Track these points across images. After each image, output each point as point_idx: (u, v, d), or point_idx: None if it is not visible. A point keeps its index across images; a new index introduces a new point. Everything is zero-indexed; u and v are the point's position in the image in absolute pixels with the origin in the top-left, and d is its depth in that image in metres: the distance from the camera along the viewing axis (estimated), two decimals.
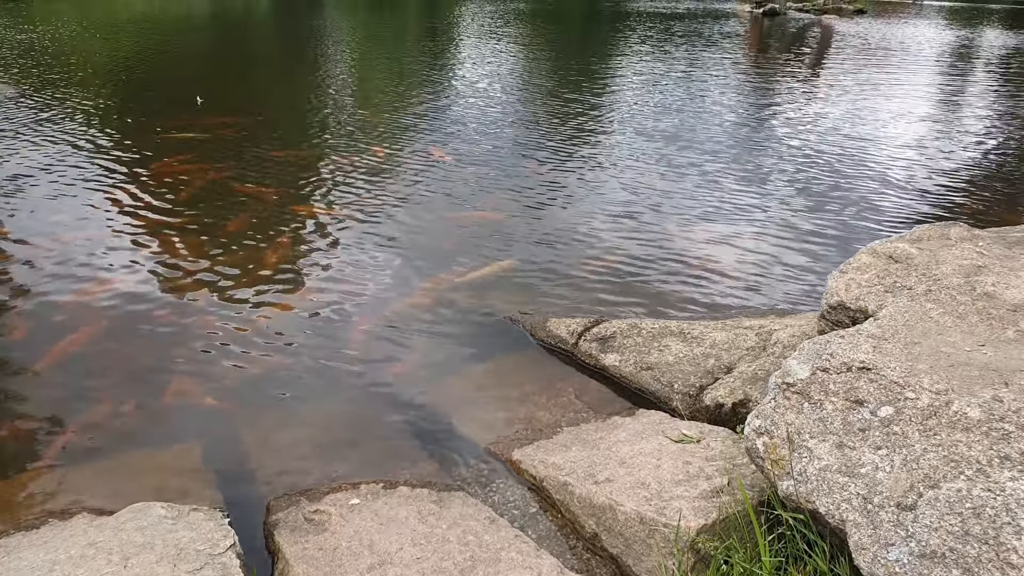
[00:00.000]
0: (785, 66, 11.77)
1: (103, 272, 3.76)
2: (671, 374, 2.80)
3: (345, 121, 7.17)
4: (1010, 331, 1.95)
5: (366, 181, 5.25)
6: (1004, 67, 11.71)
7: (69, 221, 4.41)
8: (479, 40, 14.70)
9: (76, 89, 8.25)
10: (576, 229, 4.46)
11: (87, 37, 13.23)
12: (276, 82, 10.03)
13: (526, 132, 6.80)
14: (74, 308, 3.41)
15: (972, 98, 9.18)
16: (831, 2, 22.77)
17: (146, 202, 4.73)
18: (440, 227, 4.51)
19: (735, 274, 3.89)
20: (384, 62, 11.91)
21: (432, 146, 6.23)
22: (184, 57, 12.00)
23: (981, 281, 2.22)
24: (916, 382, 1.73)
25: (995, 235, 2.92)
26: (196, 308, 3.44)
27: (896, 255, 2.65)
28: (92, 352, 3.07)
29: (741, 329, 3.07)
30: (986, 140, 6.78)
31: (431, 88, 9.04)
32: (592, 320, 3.22)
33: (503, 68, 10.96)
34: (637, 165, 5.76)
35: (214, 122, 6.79)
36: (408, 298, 3.59)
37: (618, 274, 3.86)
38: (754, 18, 20.31)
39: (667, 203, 4.91)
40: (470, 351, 3.16)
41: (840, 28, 17.90)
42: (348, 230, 4.39)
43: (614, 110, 7.89)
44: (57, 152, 5.76)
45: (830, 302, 2.51)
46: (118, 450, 2.50)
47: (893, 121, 7.46)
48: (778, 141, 6.60)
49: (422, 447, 2.54)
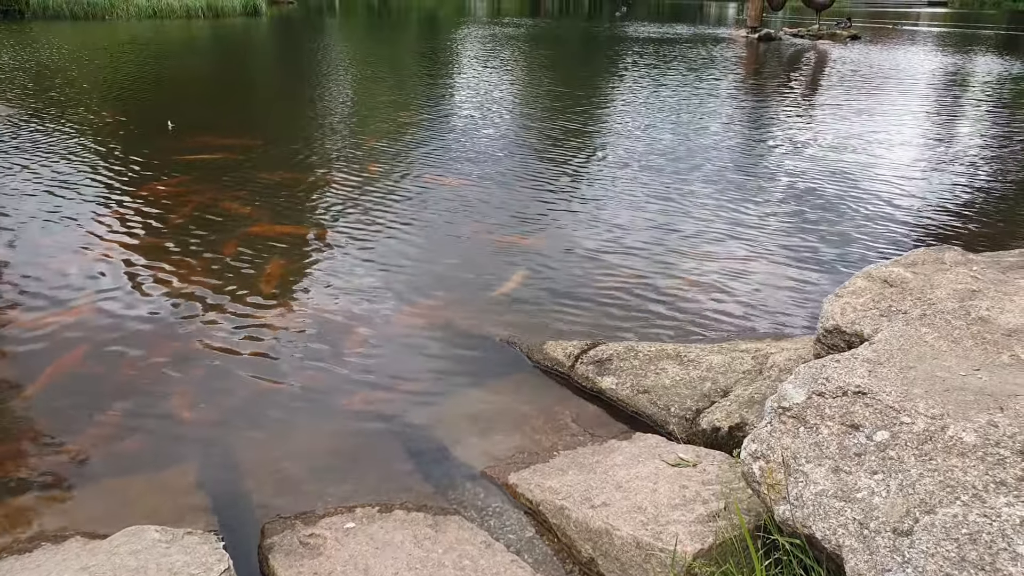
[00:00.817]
0: (780, 91, 11.87)
1: (95, 293, 3.76)
2: (668, 397, 2.80)
3: (343, 144, 7.21)
4: (1005, 356, 1.96)
5: (361, 204, 5.27)
6: (996, 93, 11.83)
7: (63, 242, 4.42)
8: (476, 62, 14.82)
9: (74, 110, 8.29)
10: (572, 251, 4.48)
11: (86, 58, 13.31)
12: (276, 104, 10.09)
13: (522, 155, 6.84)
14: (65, 329, 3.40)
15: (965, 123, 9.26)
16: (826, 28, 23.00)
17: (140, 223, 4.74)
18: (436, 249, 4.52)
19: (731, 297, 3.90)
20: (382, 85, 11.99)
21: (428, 168, 6.26)
22: (184, 80, 12.08)
23: (976, 306, 2.23)
24: (912, 407, 1.73)
25: (989, 259, 2.94)
26: (190, 330, 3.43)
27: (891, 279, 2.66)
28: (84, 374, 3.07)
29: (737, 352, 3.07)
30: (979, 165, 6.83)
31: (429, 111, 9.10)
32: (589, 343, 3.22)
33: (499, 91, 11.05)
34: (632, 188, 5.80)
35: (216, 143, 6.82)
36: (404, 320, 3.60)
37: (615, 296, 3.87)
38: (749, 43, 20.51)
39: (662, 226, 4.93)
40: (466, 373, 3.16)
41: (835, 53, 18.08)
42: (343, 252, 4.40)
43: (609, 133, 7.95)
44: (52, 173, 5.78)
45: (826, 326, 2.52)
46: (111, 473, 2.49)
47: (887, 146, 7.51)
48: (774, 165, 6.65)
49: (418, 470, 2.53)
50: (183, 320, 3.51)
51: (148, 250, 4.33)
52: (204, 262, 4.16)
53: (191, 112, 9.21)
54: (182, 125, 7.71)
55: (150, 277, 3.97)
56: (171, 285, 3.87)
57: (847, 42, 21.32)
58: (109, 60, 13.42)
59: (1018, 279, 2.59)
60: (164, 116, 8.16)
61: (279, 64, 15.38)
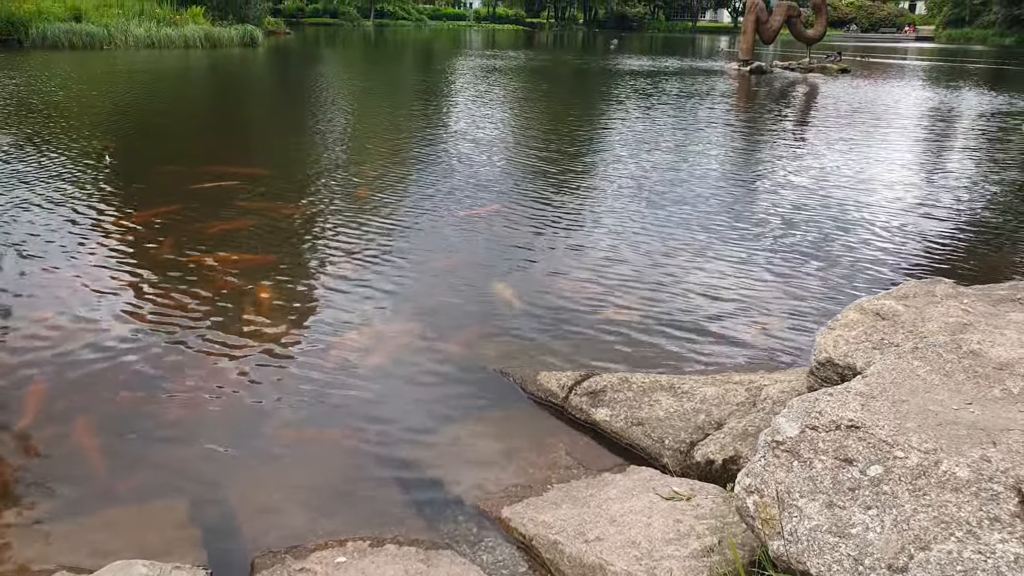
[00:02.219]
0: (772, 123, 12.01)
1: (84, 322, 3.74)
2: (661, 429, 2.79)
3: (336, 175, 7.24)
4: (996, 390, 1.97)
5: (354, 235, 5.28)
6: (983, 127, 11.99)
7: (54, 269, 4.41)
8: (472, 94, 14.96)
9: (68, 139, 8.32)
10: (566, 281, 4.49)
11: (84, 88, 13.39)
12: (271, 135, 10.15)
13: (517, 187, 6.89)
14: (53, 358, 3.38)
15: (953, 157, 9.37)
16: (816, 61, 23.33)
17: (128, 253, 4.74)
18: (428, 280, 4.52)
19: (724, 327, 3.91)
20: (377, 117, 12.09)
21: (420, 199, 6.29)
22: (180, 110, 12.16)
23: (967, 339, 2.24)
24: (905, 441, 1.73)
25: (979, 292, 2.96)
26: (179, 362, 3.42)
27: (883, 312, 2.67)
28: (72, 404, 3.04)
29: (731, 384, 3.07)
30: (967, 198, 6.90)
31: (423, 142, 9.17)
32: (583, 374, 3.22)
33: (494, 122, 11.14)
34: (625, 220, 5.83)
35: (214, 172, 6.85)
36: (396, 351, 3.59)
37: (608, 326, 3.88)
38: (741, 75, 20.78)
39: (656, 257, 4.96)
40: (460, 405, 3.15)
41: (825, 87, 18.33)
42: (335, 282, 4.40)
43: (602, 166, 8.01)
44: (44, 201, 5.78)
45: (819, 358, 2.53)
46: (99, 506, 2.46)
47: (877, 178, 7.59)
48: (766, 197, 6.70)
49: (410, 503, 2.51)
50: (172, 352, 3.50)
51: (137, 280, 4.32)
52: (194, 293, 4.15)
53: (190, 142, 9.26)
54: (185, 155, 7.73)
55: (139, 307, 3.95)
56: (160, 316, 3.86)
57: (837, 75, 21.62)
58: (106, 90, 13.50)
59: (1008, 312, 2.60)
60: (160, 145, 8.20)
61: (276, 94, 15.49)
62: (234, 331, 3.71)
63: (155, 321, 3.79)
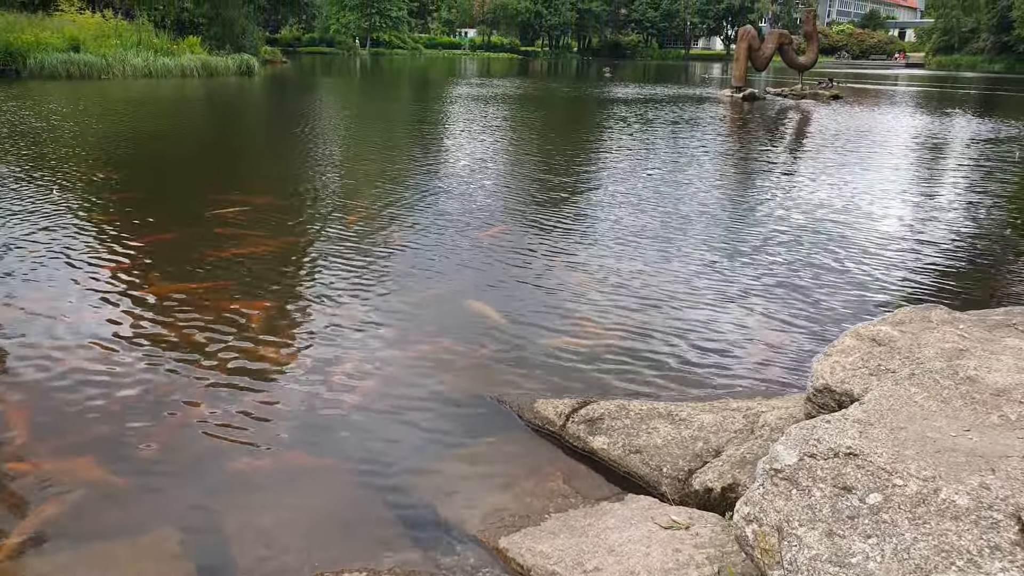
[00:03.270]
0: (766, 150, 12.10)
1: (79, 348, 3.72)
2: (660, 457, 2.78)
3: (334, 202, 7.27)
4: (994, 416, 1.97)
5: (351, 260, 5.29)
6: (975, 152, 12.10)
7: (51, 295, 4.40)
8: (467, 122, 15.07)
9: (68, 168, 8.34)
10: (563, 308, 4.49)
11: (81, 117, 13.46)
12: (266, 162, 10.20)
13: (513, 212, 6.91)
14: (50, 388, 3.36)
15: (946, 183, 9.45)
16: (808, 88, 23.58)
17: (132, 279, 4.74)
18: (425, 307, 4.52)
19: (721, 353, 3.91)
20: (373, 144, 12.16)
21: (416, 227, 6.30)
22: (177, 138, 12.22)
23: (963, 365, 2.25)
24: (903, 468, 1.73)
25: (975, 318, 2.97)
26: (174, 390, 3.40)
27: (879, 338, 2.68)
28: (63, 432, 3.02)
29: (729, 411, 3.07)
30: (960, 224, 6.94)
31: (418, 171, 9.22)
32: (580, 401, 3.21)
33: (491, 149, 11.21)
34: (621, 246, 5.85)
35: (212, 199, 6.87)
36: (393, 379, 3.57)
37: (605, 353, 3.87)
38: (734, 102, 20.97)
39: (652, 283, 4.96)
40: (457, 433, 3.13)
41: (818, 113, 18.50)
42: (331, 309, 4.40)
43: (597, 192, 8.05)
44: (45, 230, 5.79)
45: (816, 385, 2.53)
46: (92, 537, 2.43)
47: (871, 204, 7.64)
48: (761, 223, 6.73)
49: (407, 534, 2.49)
50: (166, 382, 3.48)
51: (130, 308, 4.31)
52: (187, 320, 4.14)
53: (188, 170, 9.29)
54: (183, 183, 7.75)
55: (131, 335, 3.94)
56: (152, 345, 3.85)
57: (829, 102, 21.84)
58: (104, 119, 13.57)
59: (1004, 338, 2.61)
60: (159, 174, 8.22)
61: (270, 123, 15.58)
62: (228, 359, 3.70)
63: (147, 350, 3.77)
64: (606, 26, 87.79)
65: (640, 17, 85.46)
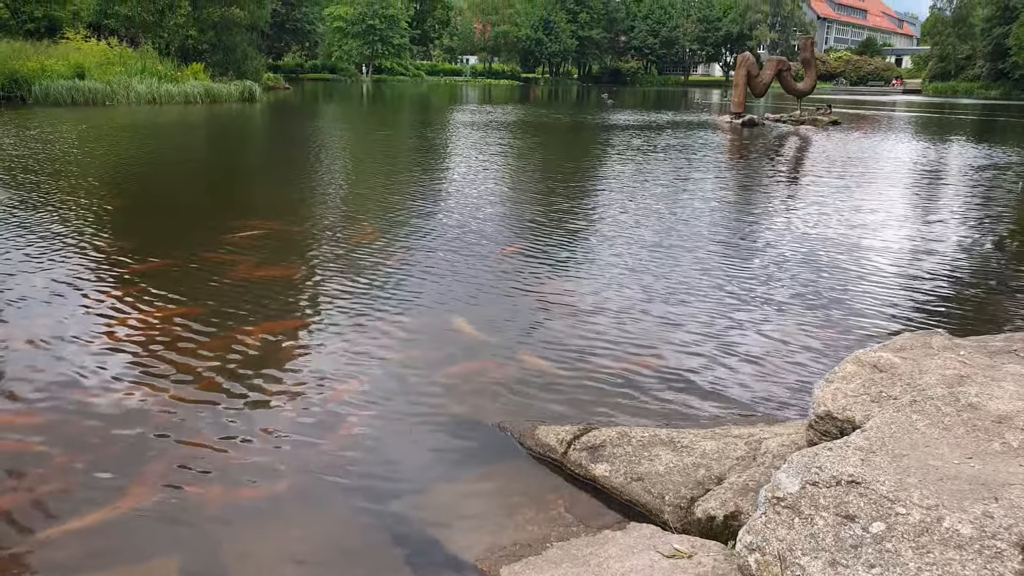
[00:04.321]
0: (765, 176, 12.17)
1: (78, 377, 3.72)
2: (662, 485, 2.76)
3: (337, 226, 7.29)
4: (996, 443, 1.96)
5: (352, 284, 5.30)
6: (974, 178, 12.15)
7: (48, 323, 4.41)
8: (469, 148, 15.16)
9: (71, 194, 8.38)
10: (564, 333, 4.49)
11: (86, 144, 13.56)
12: (267, 187, 10.25)
13: (514, 239, 6.94)
14: (42, 414, 3.36)
15: (945, 209, 9.49)
16: (807, 113, 23.75)
17: (132, 304, 4.74)
18: (426, 334, 4.52)
19: (723, 379, 3.91)
20: (376, 172, 12.23)
21: (417, 252, 6.32)
22: (181, 163, 12.30)
23: (965, 392, 2.24)
24: (906, 497, 1.72)
25: (976, 344, 2.97)
26: (173, 415, 3.39)
27: (880, 364, 2.68)
28: (61, 461, 3.01)
29: (730, 437, 3.06)
30: (959, 250, 6.96)
31: (423, 197, 9.27)
32: (581, 428, 3.20)
33: (493, 176, 11.27)
34: (622, 271, 5.86)
35: (215, 224, 6.89)
36: (394, 406, 3.57)
37: (606, 378, 3.87)
38: (733, 128, 21.11)
39: (653, 307, 4.97)
40: (458, 460, 3.12)
41: (816, 139, 18.62)
42: (332, 334, 4.40)
43: (598, 217, 8.09)
44: (46, 256, 5.81)
45: (817, 412, 2.52)
46: (88, 567, 2.42)
47: (870, 229, 7.67)
48: (761, 249, 6.76)
49: (407, 562, 2.47)
50: (165, 407, 3.47)
51: (136, 334, 4.31)
52: (189, 345, 4.14)
53: (191, 197, 9.34)
54: (187, 207, 7.78)
55: (134, 360, 3.94)
56: (152, 369, 3.84)
57: (828, 127, 21.99)
58: (109, 145, 13.66)
59: (1005, 364, 2.61)
60: (161, 201, 8.23)
61: (271, 150, 15.68)
62: (228, 383, 3.69)
63: (145, 375, 3.77)
64: (606, 53, 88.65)
65: (640, 44, 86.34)
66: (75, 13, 39.13)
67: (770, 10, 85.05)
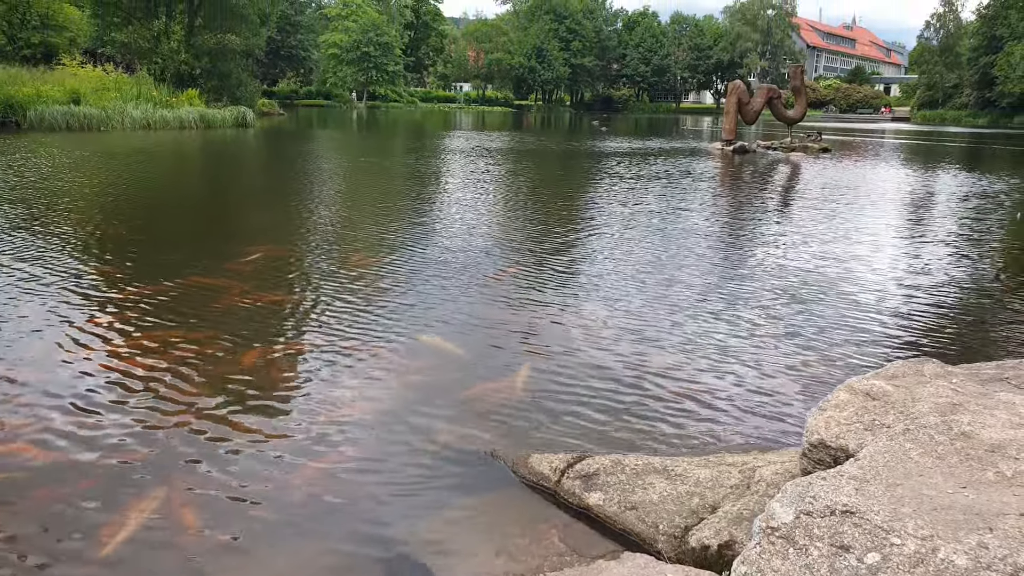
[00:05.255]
0: (757, 203, 12.26)
1: (65, 405, 3.69)
2: (656, 514, 2.75)
3: (332, 253, 7.29)
4: (990, 473, 1.96)
5: (345, 310, 5.29)
6: (965, 206, 12.26)
7: (49, 347, 4.38)
8: (463, 175, 15.23)
9: (67, 222, 8.37)
10: (556, 359, 4.48)
11: (80, 170, 13.56)
12: (263, 215, 10.26)
13: (506, 264, 6.95)
14: (42, 438, 3.32)
15: (935, 236, 9.56)
16: (797, 141, 23.98)
17: (125, 331, 4.72)
18: (418, 360, 4.51)
19: (716, 406, 3.90)
20: (369, 198, 12.27)
21: (413, 274, 6.33)
22: (179, 191, 12.32)
23: (958, 420, 2.25)
24: (901, 527, 1.72)
25: (968, 372, 2.98)
26: (170, 442, 3.36)
27: (873, 392, 2.68)
28: (40, 495, 2.97)
29: (724, 466, 3.05)
30: (951, 277, 7.00)
31: (416, 222, 9.30)
32: (575, 456, 3.18)
33: (487, 202, 11.32)
34: (615, 298, 5.87)
35: (210, 249, 6.88)
36: (384, 433, 3.54)
37: (600, 404, 3.86)
38: (724, 155, 21.29)
39: (645, 335, 4.97)
40: (449, 488, 3.10)
41: (807, 166, 18.78)
42: (323, 363, 4.38)
43: (590, 244, 8.11)
44: (40, 287, 5.79)
45: (811, 440, 2.52)
46: None
47: (861, 256, 7.71)
48: (753, 276, 6.78)
49: None
50: (162, 434, 3.44)
51: (128, 362, 4.29)
52: (184, 370, 4.12)
53: (191, 223, 9.34)
54: (186, 234, 7.77)
55: (128, 391, 3.91)
56: (150, 398, 3.82)
57: (819, 155, 22.20)
58: (102, 171, 13.67)
59: (997, 392, 2.62)
60: (156, 228, 8.20)
61: (267, 176, 15.72)
62: (217, 409, 3.67)
63: (136, 399, 3.74)
64: (598, 81, 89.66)
65: (632, 72, 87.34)
66: (72, 39, 39.49)
67: (760, 39, 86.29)
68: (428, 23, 73.95)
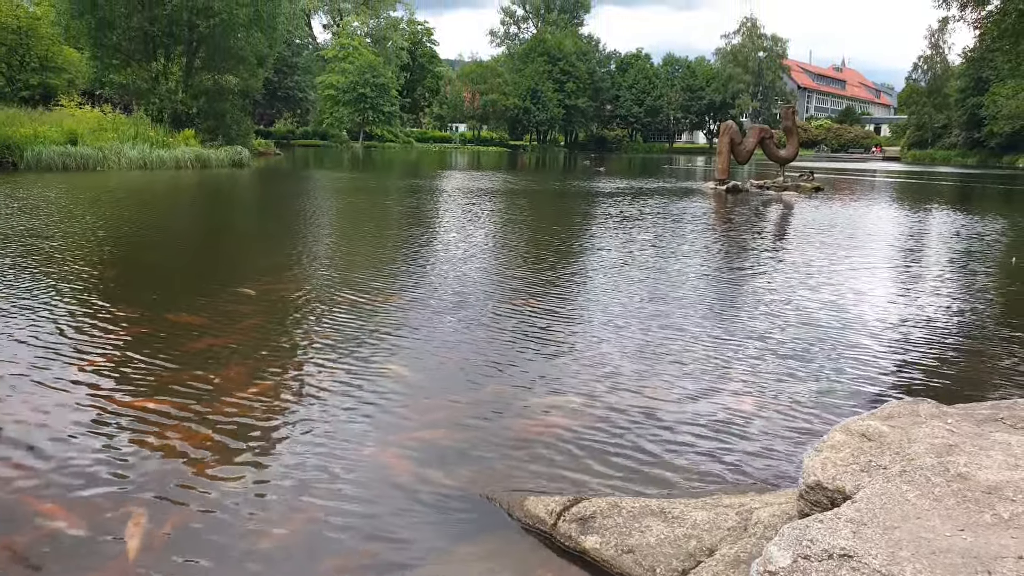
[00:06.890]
0: (750, 242, 12.34)
1: (59, 438, 3.66)
2: (653, 557, 2.72)
3: (325, 293, 7.29)
4: (987, 515, 1.95)
5: (337, 347, 5.28)
6: (958, 246, 12.35)
7: (44, 385, 4.35)
8: (459, 215, 15.33)
9: (63, 261, 8.38)
10: (552, 398, 4.47)
11: (78, 209, 13.61)
12: (257, 255, 10.29)
13: (499, 303, 6.96)
14: (38, 470, 3.29)
15: (928, 276, 9.62)
16: (790, 180, 24.21)
17: (115, 374, 4.70)
18: (413, 398, 4.49)
19: (712, 447, 3.88)
20: (365, 238, 12.31)
21: (407, 317, 6.33)
22: (175, 228, 12.35)
23: (954, 462, 2.24)
24: (899, 571, 1.70)
25: (963, 412, 2.98)
26: (165, 478, 3.33)
27: (869, 433, 2.68)
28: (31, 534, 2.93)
29: (721, 508, 3.02)
30: (944, 317, 7.03)
31: (412, 260, 9.32)
32: (571, 499, 3.16)
33: (482, 242, 11.37)
34: (610, 336, 5.88)
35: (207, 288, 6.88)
36: (378, 475, 3.51)
37: (596, 444, 3.83)
38: (717, 194, 21.47)
39: (641, 375, 4.97)
40: (444, 532, 3.06)
41: (800, 205, 18.95)
42: (317, 400, 4.36)
43: (585, 284, 8.14)
44: (37, 324, 5.77)
45: (807, 482, 2.51)
46: None
47: (855, 296, 7.75)
48: (748, 316, 6.80)
49: None
50: (157, 467, 3.41)
51: (123, 402, 4.26)
52: (184, 403, 4.09)
53: (186, 262, 9.35)
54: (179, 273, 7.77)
55: (121, 427, 3.88)
56: (143, 433, 3.79)
57: (811, 194, 22.40)
58: (97, 211, 13.72)
59: (992, 433, 2.62)
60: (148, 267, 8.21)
61: (262, 216, 15.79)
62: (210, 446, 3.63)
63: (131, 434, 3.71)
64: (592, 121, 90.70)
65: (625, 113, 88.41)
66: (70, 81, 39.87)
67: (752, 80, 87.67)
68: (424, 65, 74.92)
